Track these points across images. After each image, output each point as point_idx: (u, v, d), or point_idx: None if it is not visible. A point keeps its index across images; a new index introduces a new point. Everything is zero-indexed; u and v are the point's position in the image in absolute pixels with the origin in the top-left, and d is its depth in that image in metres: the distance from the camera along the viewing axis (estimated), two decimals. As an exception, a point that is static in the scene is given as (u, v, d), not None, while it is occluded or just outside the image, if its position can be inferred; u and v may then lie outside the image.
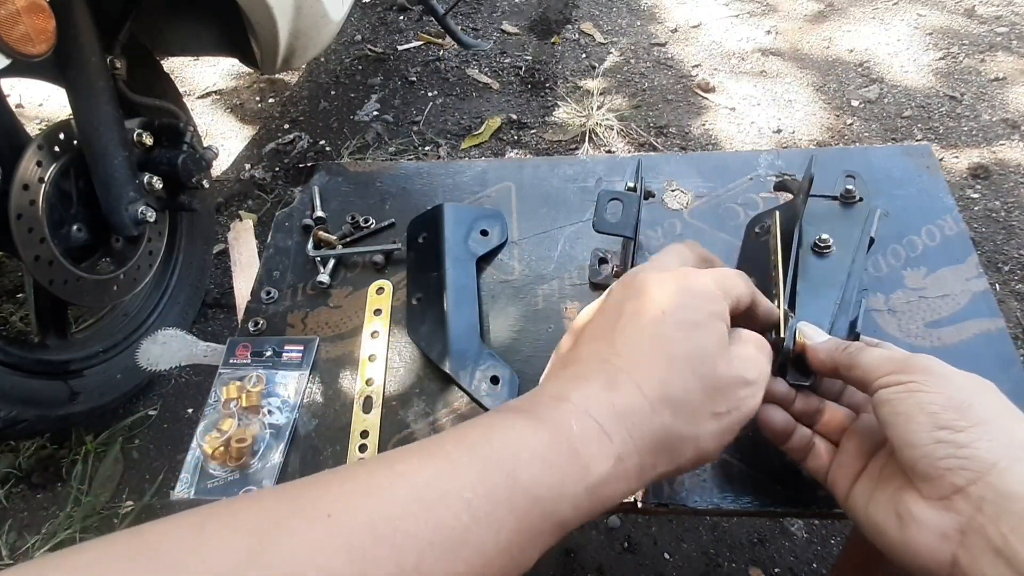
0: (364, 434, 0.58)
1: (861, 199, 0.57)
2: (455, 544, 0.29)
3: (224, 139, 1.87)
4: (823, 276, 0.52)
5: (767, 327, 0.45)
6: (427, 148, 1.75)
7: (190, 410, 1.31)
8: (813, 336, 0.45)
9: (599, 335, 0.39)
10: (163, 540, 0.27)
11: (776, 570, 1.00)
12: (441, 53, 2.04)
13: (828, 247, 0.53)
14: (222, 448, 0.56)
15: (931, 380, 0.37)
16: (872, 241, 0.56)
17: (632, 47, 1.99)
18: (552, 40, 2.05)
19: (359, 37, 2.14)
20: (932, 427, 0.35)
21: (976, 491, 0.34)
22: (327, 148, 1.79)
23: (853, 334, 0.47)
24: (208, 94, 2.02)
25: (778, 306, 0.47)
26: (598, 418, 0.34)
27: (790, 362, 0.46)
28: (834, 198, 0.57)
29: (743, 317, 0.43)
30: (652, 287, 0.39)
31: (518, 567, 0.31)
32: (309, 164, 1.74)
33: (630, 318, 0.38)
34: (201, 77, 2.08)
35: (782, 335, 0.45)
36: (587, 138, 1.71)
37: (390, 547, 0.28)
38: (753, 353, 0.40)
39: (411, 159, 1.72)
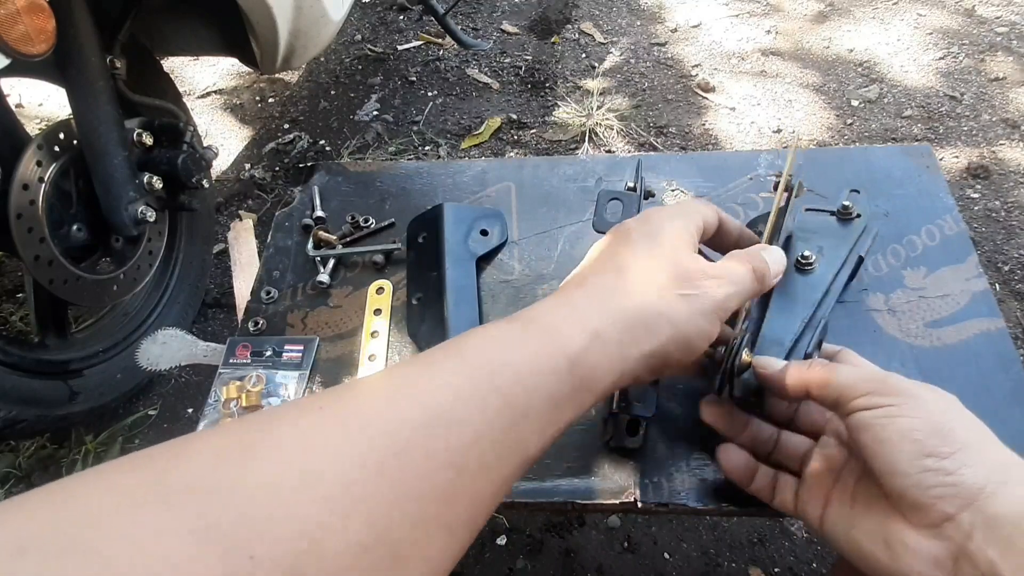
0: (364, 434, 0.58)
1: (859, 215, 0.56)
2: (442, 420, 0.30)
3: (224, 139, 1.87)
4: (798, 292, 0.51)
5: (737, 245, 0.49)
6: (427, 148, 1.75)
7: (190, 410, 1.31)
8: (770, 364, 0.44)
9: (586, 267, 0.44)
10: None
11: (776, 570, 1.00)
12: (441, 53, 2.04)
13: (810, 264, 0.52)
14: (222, 448, 0.56)
15: (909, 403, 0.37)
16: (861, 260, 0.55)
17: (632, 47, 1.99)
18: (552, 40, 2.04)
19: (359, 37, 2.14)
20: (918, 455, 0.35)
21: (966, 518, 0.34)
22: (327, 148, 1.79)
23: (815, 352, 0.47)
24: (208, 94, 2.02)
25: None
26: (577, 305, 0.38)
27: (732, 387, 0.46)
28: (832, 213, 0.56)
29: (716, 241, 0.49)
30: (628, 226, 0.44)
31: (516, 444, 0.32)
32: (309, 164, 1.74)
33: (610, 249, 0.43)
34: (201, 77, 2.08)
35: (732, 356, 0.45)
36: (587, 138, 1.71)
37: (382, 431, 0.28)
38: (728, 263, 0.43)
39: (411, 159, 1.72)
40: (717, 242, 0.49)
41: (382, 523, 0.25)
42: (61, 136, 0.98)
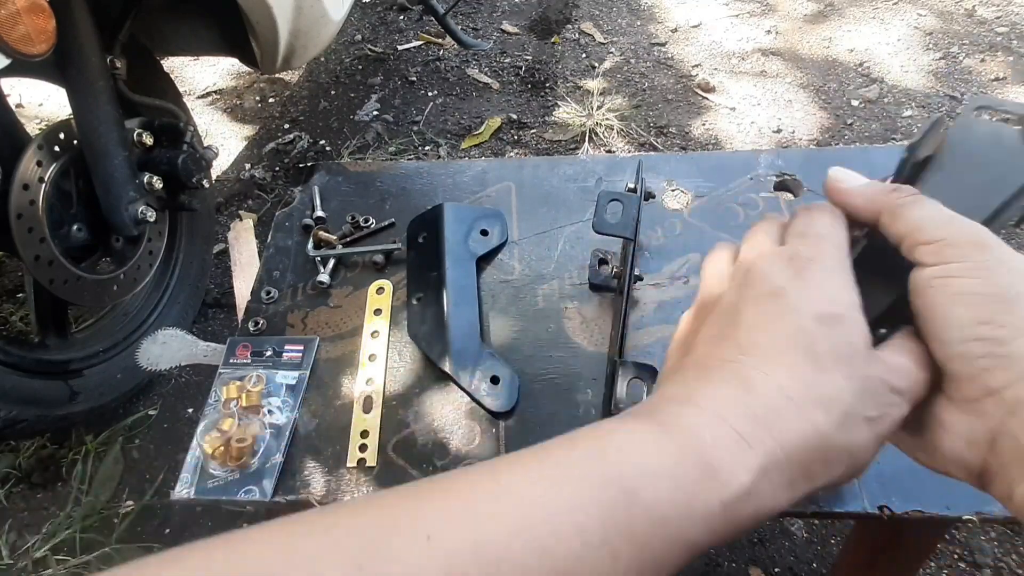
0: (364, 434, 0.58)
1: None
2: (564, 574, 0.26)
3: (224, 139, 1.87)
4: None
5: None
6: (427, 148, 1.75)
7: (190, 410, 1.31)
8: (844, 178, 0.36)
9: (720, 337, 0.33)
10: (255, 556, 0.26)
11: (776, 570, 1.00)
12: (441, 53, 2.04)
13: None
14: (222, 448, 0.56)
15: (981, 260, 0.31)
16: None
17: (632, 47, 1.99)
18: (552, 40, 2.04)
19: (359, 37, 2.14)
20: (972, 322, 0.30)
21: (1011, 394, 0.29)
22: (327, 148, 1.79)
23: None
24: (208, 94, 2.02)
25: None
26: (733, 422, 0.29)
27: None
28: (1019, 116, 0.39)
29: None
30: (773, 280, 0.33)
31: None
32: (309, 164, 1.74)
33: (756, 316, 0.32)
34: (201, 77, 2.08)
35: None
36: (587, 138, 1.71)
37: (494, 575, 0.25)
38: (906, 363, 0.33)
39: (411, 159, 1.72)
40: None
41: None
42: (61, 136, 0.98)
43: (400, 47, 2.09)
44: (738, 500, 0.28)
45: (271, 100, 1.98)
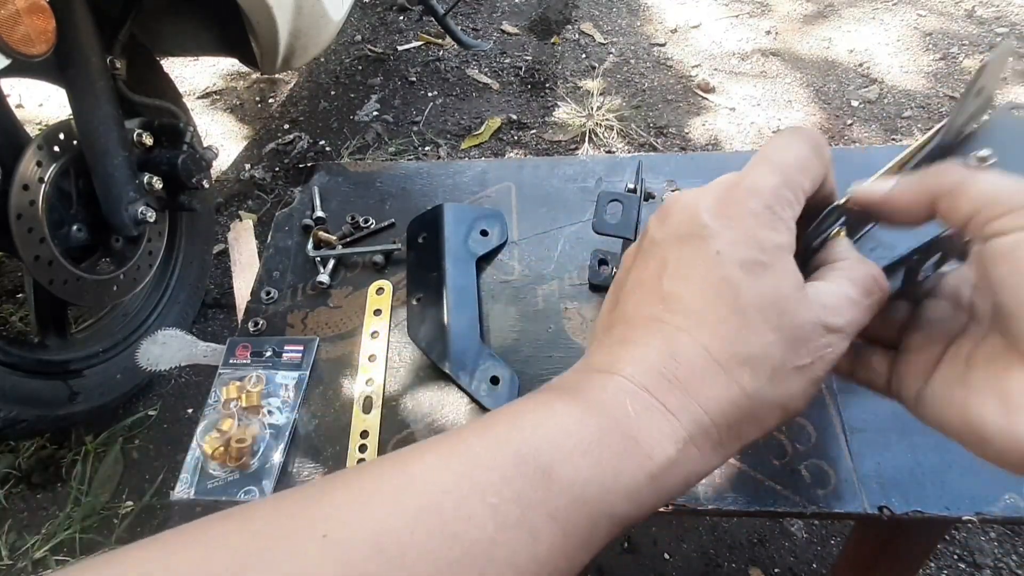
0: (364, 434, 0.58)
1: None
2: (479, 559, 0.25)
3: (224, 139, 1.87)
4: None
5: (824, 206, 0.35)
6: (427, 148, 1.75)
7: (190, 410, 1.31)
8: (875, 190, 0.32)
9: (644, 288, 0.32)
10: (134, 566, 0.24)
11: (776, 570, 1.00)
12: (441, 53, 2.04)
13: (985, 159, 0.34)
14: (222, 448, 0.56)
15: None
16: None
17: (632, 47, 1.99)
18: (552, 40, 2.05)
19: (359, 37, 2.14)
20: None
21: None
22: (327, 148, 1.79)
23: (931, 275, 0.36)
24: (208, 94, 2.02)
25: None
26: (657, 394, 0.28)
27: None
28: None
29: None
30: (698, 218, 0.31)
31: (559, 573, 0.26)
32: (309, 164, 1.74)
33: (678, 263, 0.31)
34: (201, 77, 2.08)
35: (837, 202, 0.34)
36: (587, 138, 1.71)
37: (399, 570, 0.24)
38: (842, 293, 0.31)
39: (411, 159, 1.72)
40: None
41: None
42: (61, 136, 0.98)
43: (400, 47, 2.09)
44: (665, 471, 0.28)
45: (271, 100, 1.98)
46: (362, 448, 0.57)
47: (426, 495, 0.26)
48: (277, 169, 1.76)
